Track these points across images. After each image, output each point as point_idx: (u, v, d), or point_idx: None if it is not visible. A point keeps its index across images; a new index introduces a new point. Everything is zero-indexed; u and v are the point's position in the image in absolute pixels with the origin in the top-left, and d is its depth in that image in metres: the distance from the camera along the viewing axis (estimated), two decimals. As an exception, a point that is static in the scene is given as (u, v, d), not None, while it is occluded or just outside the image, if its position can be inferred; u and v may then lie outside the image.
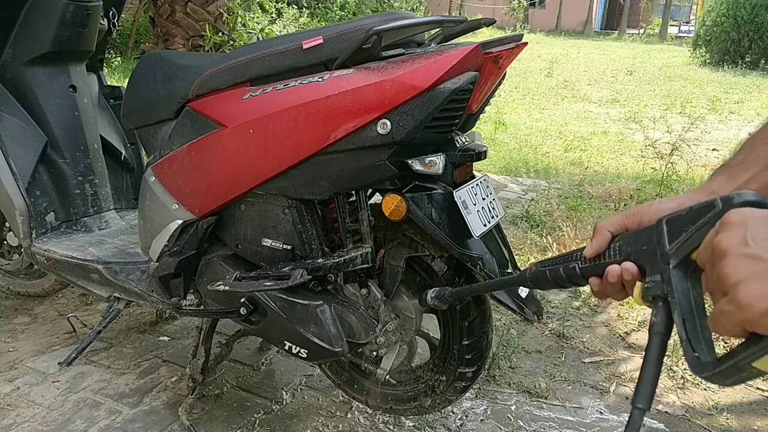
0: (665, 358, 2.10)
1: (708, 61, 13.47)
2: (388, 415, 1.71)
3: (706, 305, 0.57)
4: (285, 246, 1.35)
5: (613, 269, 0.65)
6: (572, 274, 0.71)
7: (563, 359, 2.07)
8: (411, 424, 1.70)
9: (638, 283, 0.62)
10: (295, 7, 12.78)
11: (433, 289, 1.11)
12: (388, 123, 1.13)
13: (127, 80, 1.61)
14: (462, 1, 22.17)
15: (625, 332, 2.26)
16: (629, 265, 0.63)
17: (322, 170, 1.24)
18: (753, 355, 0.48)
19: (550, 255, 2.87)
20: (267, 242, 1.38)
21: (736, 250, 0.48)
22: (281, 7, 10.03)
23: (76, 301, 2.36)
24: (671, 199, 0.68)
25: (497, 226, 1.35)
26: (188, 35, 6.19)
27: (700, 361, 0.53)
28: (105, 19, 2.14)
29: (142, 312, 2.27)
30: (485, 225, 1.28)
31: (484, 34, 10.31)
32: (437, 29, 1.37)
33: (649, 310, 0.60)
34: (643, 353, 0.58)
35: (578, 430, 1.71)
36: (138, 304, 1.95)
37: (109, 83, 2.33)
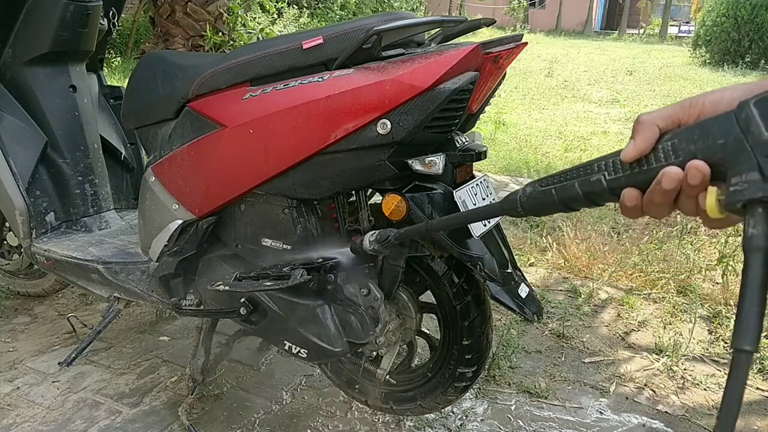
0: (666, 358, 2.10)
1: (708, 61, 13.46)
2: (388, 415, 1.71)
3: None
4: (285, 246, 1.35)
5: (672, 172, 0.51)
6: (595, 190, 0.58)
7: (563, 359, 2.07)
8: (411, 424, 1.70)
9: (712, 189, 0.50)
10: (296, 7, 12.78)
11: (372, 232, 1.05)
12: (388, 123, 1.13)
13: (127, 80, 1.61)
14: (462, 1, 22.17)
15: (625, 332, 2.26)
16: (698, 164, 0.49)
17: (322, 170, 1.24)
18: None
19: (550, 255, 2.88)
20: (267, 242, 1.38)
21: None
22: (281, 7, 10.02)
23: (76, 301, 2.36)
24: (737, 86, 0.53)
25: (497, 226, 1.35)
26: (188, 35, 6.18)
27: None
28: (105, 19, 2.14)
29: (142, 312, 2.27)
30: (485, 225, 1.28)
31: (484, 34, 10.31)
32: (437, 29, 1.37)
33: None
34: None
35: (578, 430, 1.71)
36: (138, 304, 1.95)
37: (109, 83, 2.33)
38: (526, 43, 1.28)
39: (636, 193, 0.55)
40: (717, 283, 2.62)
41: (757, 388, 1.95)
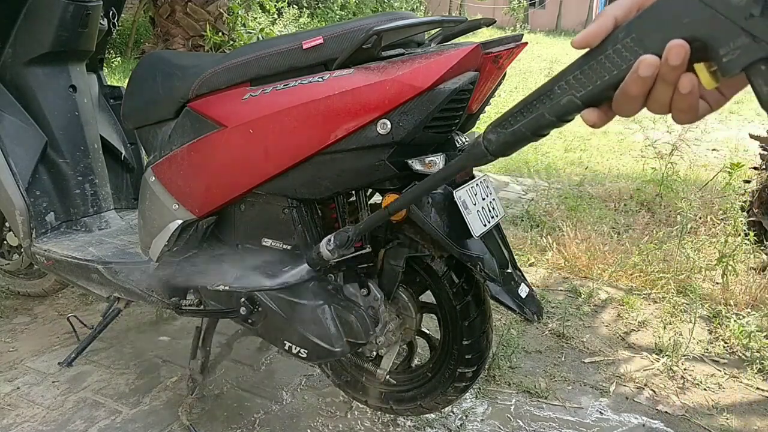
0: (666, 358, 2.11)
1: (708, 61, 13.44)
2: (388, 415, 1.71)
3: None
4: (285, 246, 1.35)
5: (649, 58, 0.50)
6: (569, 110, 0.58)
7: (563, 359, 2.07)
8: (411, 424, 1.70)
9: (700, 65, 0.49)
10: (296, 7, 12.78)
11: (327, 239, 1.04)
12: (388, 123, 1.13)
13: (127, 80, 1.61)
14: (462, 1, 22.17)
15: (625, 332, 2.26)
16: (679, 42, 0.48)
17: (322, 170, 1.24)
18: None
19: (550, 255, 2.88)
20: (267, 242, 1.38)
21: None
22: (281, 7, 10.02)
23: (76, 301, 2.36)
24: None
25: (497, 226, 1.35)
26: (188, 35, 6.18)
27: None
28: (105, 19, 2.14)
29: (142, 312, 2.27)
30: (485, 225, 1.28)
31: (484, 34, 10.31)
32: (437, 29, 1.37)
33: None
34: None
35: (578, 430, 1.71)
36: (138, 304, 1.95)
37: (109, 83, 2.33)
38: (526, 43, 1.28)
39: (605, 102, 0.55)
40: (717, 283, 2.62)
41: (757, 388, 1.95)
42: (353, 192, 1.33)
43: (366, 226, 0.97)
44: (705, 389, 1.93)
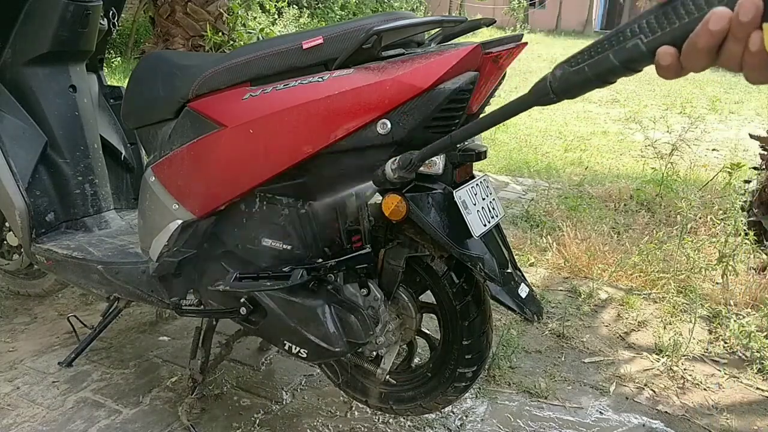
0: (666, 358, 2.11)
1: (708, 60, 13.44)
2: (388, 415, 1.71)
3: None
4: (285, 246, 1.35)
5: (721, 11, 0.48)
6: (634, 56, 0.55)
7: (563, 359, 2.07)
8: (411, 424, 1.70)
9: (766, 26, 0.47)
10: (296, 7, 12.77)
11: (393, 159, 1.03)
12: (388, 123, 1.13)
13: (127, 80, 1.61)
14: (462, 1, 22.16)
15: (625, 332, 2.26)
16: (748, 1, 0.47)
17: (322, 170, 1.24)
18: None
19: (550, 255, 2.88)
20: (267, 242, 1.37)
21: None
22: (281, 7, 10.02)
23: (76, 301, 2.36)
24: None
25: (497, 226, 1.35)
26: (188, 35, 6.17)
27: None
28: (105, 19, 2.14)
29: (142, 312, 2.27)
30: (485, 225, 1.28)
31: (484, 34, 10.30)
32: (437, 29, 1.37)
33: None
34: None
35: (578, 430, 1.71)
36: (138, 304, 1.95)
37: (109, 83, 2.33)
38: (526, 43, 1.28)
39: (673, 51, 0.53)
40: (717, 283, 2.62)
41: (757, 388, 1.95)
42: (353, 192, 1.33)
43: (430, 151, 0.95)
44: (705, 389, 1.93)
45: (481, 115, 1.32)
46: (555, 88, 0.64)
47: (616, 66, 0.57)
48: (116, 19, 2.22)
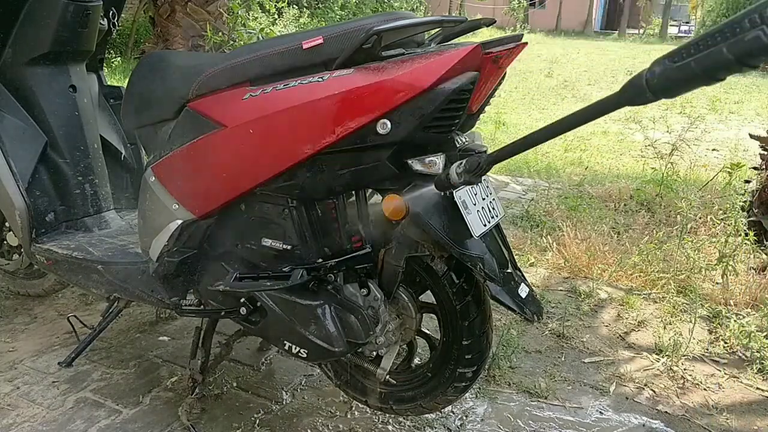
0: (666, 358, 2.10)
1: (708, 61, 13.43)
2: (388, 415, 1.71)
3: None
4: (285, 246, 1.35)
5: None
6: (753, 50, 0.49)
7: (563, 359, 2.07)
8: (411, 424, 1.70)
9: None
10: (296, 7, 12.77)
11: (459, 162, 1.00)
12: (388, 123, 1.13)
13: (127, 80, 1.61)
14: (462, 1, 22.16)
15: (625, 332, 2.26)
16: None
17: (322, 170, 1.24)
18: None
19: (550, 255, 2.88)
20: (267, 242, 1.38)
21: None
22: (282, 7, 10.02)
23: (76, 301, 2.36)
24: None
25: (497, 226, 1.35)
26: (188, 35, 6.18)
27: None
28: (105, 19, 2.14)
29: (142, 312, 2.27)
30: (485, 225, 1.28)
31: (484, 34, 10.31)
32: (437, 29, 1.37)
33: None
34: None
35: (578, 430, 1.71)
36: (138, 304, 1.95)
37: (109, 83, 2.33)
38: (526, 43, 1.28)
39: None
40: (717, 283, 2.62)
41: (757, 388, 1.95)
42: (353, 192, 1.33)
43: (501, 153, 0.92)
44: (705, 389, 1.93)
45: (482, 115, 1.32)
46: (653, 86, 0.59)
47: (730, 61, 0.52)
48: (116, 19, 2.22)
